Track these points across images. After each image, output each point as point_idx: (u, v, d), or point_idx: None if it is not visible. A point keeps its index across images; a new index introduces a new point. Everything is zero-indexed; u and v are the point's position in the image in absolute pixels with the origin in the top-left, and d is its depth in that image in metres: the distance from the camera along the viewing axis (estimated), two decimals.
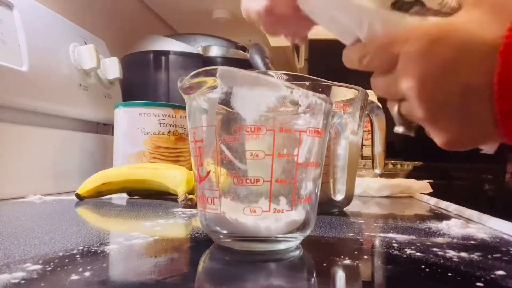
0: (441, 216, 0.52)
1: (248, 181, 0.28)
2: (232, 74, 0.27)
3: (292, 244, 0.30)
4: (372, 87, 0.31)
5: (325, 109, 0.30)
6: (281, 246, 0.30)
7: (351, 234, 0.37)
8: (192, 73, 0.28)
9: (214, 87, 0.27)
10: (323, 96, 0.29)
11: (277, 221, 0.28)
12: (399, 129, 0.31)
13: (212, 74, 0.27)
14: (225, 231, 0.29)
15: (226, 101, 0.28)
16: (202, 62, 0.89)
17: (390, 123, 0.52)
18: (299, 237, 0.30)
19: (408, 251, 0.30)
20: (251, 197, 0.28)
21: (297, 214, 0.29)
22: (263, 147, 0.27)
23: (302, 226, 0.30)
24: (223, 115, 0.28)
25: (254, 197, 0.28)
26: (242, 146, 0.28)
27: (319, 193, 0.31)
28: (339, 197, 0.50)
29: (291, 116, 0.29)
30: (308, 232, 0.31)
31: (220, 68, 0.27)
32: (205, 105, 0.29)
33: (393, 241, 0.34)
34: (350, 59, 0.31)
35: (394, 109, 0.31)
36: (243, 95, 0.28)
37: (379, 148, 0.55)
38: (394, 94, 0.29)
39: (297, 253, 0.30)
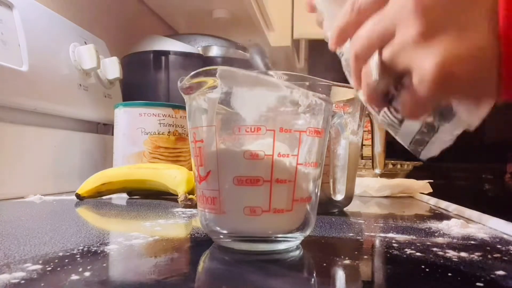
0: (441, 216, 0.52)
1: (248, 181, 0.28)
2: (232, 74, 0.27)
3: (292, 244, 0.30)
4: (354, 39, 0.29)
5: (325, 109, 0.30)
6: (281, 246, 0.30)
7: (351, 234, 0.37)
8: (192, 73, 0.28)
9: (214, 87, 0.27)
10: (323, 96, 0.29)
11: (277, 221, 0.28)
12: (375, 80, 0.28)
13: (212, 74, 0.27)
14: (225, 231, 0.29)
15: (226, 101, 0.28)
16: (202, 62, 0.89)
17: None
18: (299, 237, 0.30)
19: (408, 251, 0.30)
20: (251, 197, 0.28)
21: (297, 214, 0.29)
22: (262, 147, 0.27)
23: (302, 226, 0.30)
24: (223, 115, 0.28)
25: (254, 197, 0.28)
26: (242, 146, 0.28)
27: (319, 193, 0.31)
28: (339, 197, 0.50)
29: (291, 116, 0.29)
30: (308, 232, 0.31)
31: (220, 68, 0.27)
32: (205, 105, 0.29)
33: (393, 241, 0.34)
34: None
35: (374, 57, 0.28)
36: (243, 95, 0.28)
37: (379, 148, 0.55)
38: (381, 33, 0.27)
39: (297, 253, 0.30)
